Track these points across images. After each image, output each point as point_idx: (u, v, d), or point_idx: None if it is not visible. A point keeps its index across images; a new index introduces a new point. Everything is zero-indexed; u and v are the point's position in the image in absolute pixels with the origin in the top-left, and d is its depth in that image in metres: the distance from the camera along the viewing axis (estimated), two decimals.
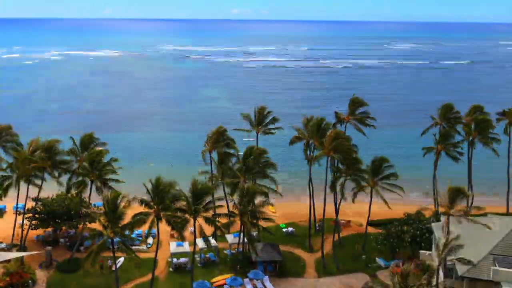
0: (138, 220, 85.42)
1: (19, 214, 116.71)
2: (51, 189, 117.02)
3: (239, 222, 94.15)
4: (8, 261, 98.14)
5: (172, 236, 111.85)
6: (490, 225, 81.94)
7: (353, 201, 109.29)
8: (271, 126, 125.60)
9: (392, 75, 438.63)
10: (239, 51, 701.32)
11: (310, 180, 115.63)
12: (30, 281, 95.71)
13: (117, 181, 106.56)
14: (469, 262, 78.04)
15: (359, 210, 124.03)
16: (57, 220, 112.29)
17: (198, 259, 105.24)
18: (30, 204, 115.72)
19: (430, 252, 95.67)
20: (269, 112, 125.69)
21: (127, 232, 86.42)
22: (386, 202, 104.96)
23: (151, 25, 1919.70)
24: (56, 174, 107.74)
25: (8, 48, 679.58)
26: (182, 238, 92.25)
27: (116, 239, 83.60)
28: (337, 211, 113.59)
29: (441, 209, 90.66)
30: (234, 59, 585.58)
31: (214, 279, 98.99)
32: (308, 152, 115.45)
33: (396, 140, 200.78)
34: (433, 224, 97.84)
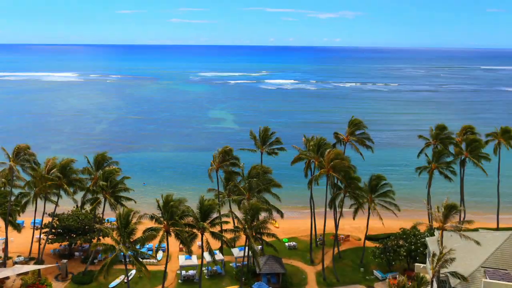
0: (149, 235, 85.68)
1: (37, 229, 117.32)
2: (66, 205, 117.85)
3: (244, 236, 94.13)
4: (26, 273, 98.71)
5: (181, 250, 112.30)
6: (480, 242, 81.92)
7: (353, 218, 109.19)
8: (275, 146, 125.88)
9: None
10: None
11: (311, 197, 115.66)
12: None
13: (128, 198, 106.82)
14: (461, 277, 77.88)
15: (358, 225, 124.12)
16: (72, 235, 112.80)
17: (205, 271, 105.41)
18: (47, 219, 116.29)
19: (424, 265, 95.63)
20: (272, 133, 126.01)
21: (138, 246, 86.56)
22: (381, 219, 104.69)
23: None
24: (72, 191, 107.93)
25: (25, 71, 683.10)
26: (190, 252, 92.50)
27: (128, 253, 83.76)
28: (336, 227, 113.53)
29: (435, 224, 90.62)
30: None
31: None
32: (309, 171, 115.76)
33: (392, 159, 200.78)
34: (427, 238, 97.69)
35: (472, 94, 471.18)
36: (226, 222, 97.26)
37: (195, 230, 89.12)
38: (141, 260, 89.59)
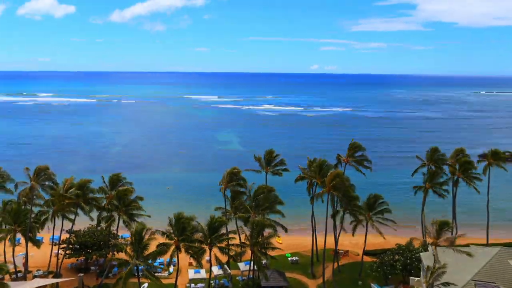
0: (161, 250, 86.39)
1: (55, 245, 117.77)
2: (83, 222, 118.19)
3: (249, 251, 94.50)
4: (45, 286, 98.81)
5: (190, 264, 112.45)
6: (472, 254, 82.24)
7: (352, 235, 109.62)
8: (279, 167, 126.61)
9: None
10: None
11: (313, 214, 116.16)
12: None
13: (142, 215, 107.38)
14: None
15: (356, 241, 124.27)
16: (88, 250, 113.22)
17: (213, 284, 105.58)
18: (65, 236, 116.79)
19: (419, 278, 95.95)
20: (277, 155, 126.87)
21: (150, 261, 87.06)
22: (381, 234, 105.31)
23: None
24: (88, 209, 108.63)
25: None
26: (200, 266, 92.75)
27: (141, 267, 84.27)
28: (336, 242, 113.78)
29: (428, 240, 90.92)
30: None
31: None
32: (311, 190, 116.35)
33: (390, 179, 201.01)
34: (421, 253, 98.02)
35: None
36: (233, 238, 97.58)
37: (204, 246, 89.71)
38: (153, 273, 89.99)
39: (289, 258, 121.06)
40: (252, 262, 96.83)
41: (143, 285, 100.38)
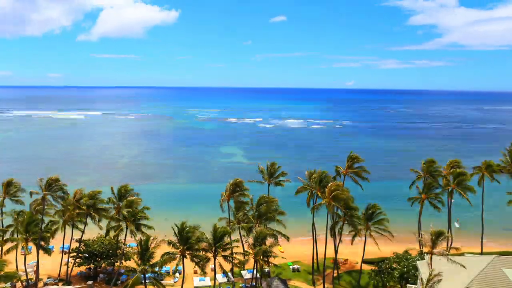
0: (167, 258, 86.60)
1: (65, 253, 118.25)
2: (92, 232, 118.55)
3: (252, 260, 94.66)
4: None
5: (195, 272, 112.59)
6: (465, 265, 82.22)
7: (351, 244, 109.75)
8: (281, 178, 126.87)
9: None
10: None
11: (313, 224, 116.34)
12: None
13: (149, 227, 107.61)
14: None
15: (355, 250, 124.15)
16: (97, 259, 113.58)
17: None
18: (74, 244, 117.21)
19: (416, 285, 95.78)
20: (279, 167, 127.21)
21: (157, 269, 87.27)
22: (377, 244, 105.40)
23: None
24: (98, 219, 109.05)
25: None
26: (204, 274, 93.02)
27: (148, 275, 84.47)
28: (336, 251, 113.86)
29: (425, 249, 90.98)
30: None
31: None
32: (312, 201, 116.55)
33: (387, 190, 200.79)
34: (418, 262, 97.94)
35: None
36: (237, 247, 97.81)
37: (208, 254, 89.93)
38: (159, 281, 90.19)
39: (291, 266, 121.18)
40: (254, 270, 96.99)
41: None
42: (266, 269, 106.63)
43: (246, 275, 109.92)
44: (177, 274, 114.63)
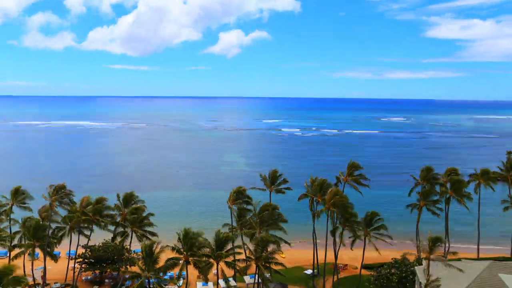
0: (170, 264, 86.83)
1: (71, 259, 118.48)
2: (98, 238, 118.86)
3: (254, 266, 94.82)
4: None
5: (198, 277, 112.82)
6: (462, 270, 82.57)
7: (351, 249, 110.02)
8: (283, 186, 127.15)
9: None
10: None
11: (314, 230, 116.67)
12: None
13: (152, 233, 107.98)
14: None
15: (355, 255, 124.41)
16: (103, 264, 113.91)
17: None
18: (80, 250, 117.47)
19: None
20: (280, 175, 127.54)
21: (161, 274, 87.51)
22: (377, 250, 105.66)
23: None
24: (104, 225, 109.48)
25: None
26: (207, 279, 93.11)
27: (152, 280, 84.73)
28: (336, 256, 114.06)
29: (422, 255, 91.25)
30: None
31: None
32: (313, 207, 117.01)
33: (386, 197, 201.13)
34: (416, 267, 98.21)
35: None
36: (239, 253, 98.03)
37: (211, 260, 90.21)
38: (163, 286, 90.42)
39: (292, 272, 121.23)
40: (256, 276, 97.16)
41: None
42: (268, 274, 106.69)
43: (248, 280, 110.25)
44: (180, 279, 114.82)
